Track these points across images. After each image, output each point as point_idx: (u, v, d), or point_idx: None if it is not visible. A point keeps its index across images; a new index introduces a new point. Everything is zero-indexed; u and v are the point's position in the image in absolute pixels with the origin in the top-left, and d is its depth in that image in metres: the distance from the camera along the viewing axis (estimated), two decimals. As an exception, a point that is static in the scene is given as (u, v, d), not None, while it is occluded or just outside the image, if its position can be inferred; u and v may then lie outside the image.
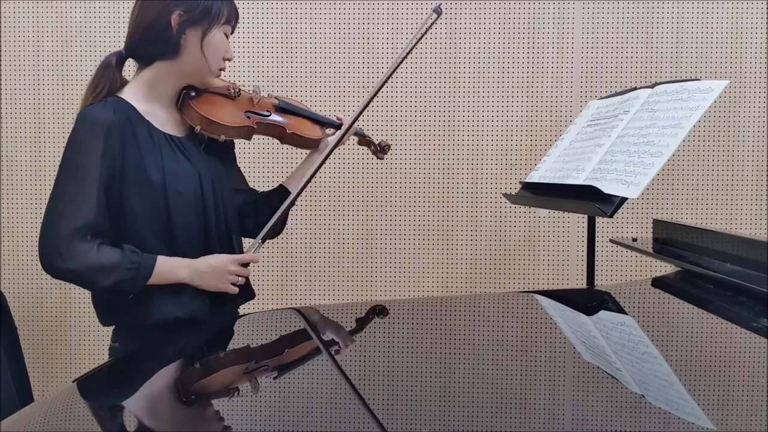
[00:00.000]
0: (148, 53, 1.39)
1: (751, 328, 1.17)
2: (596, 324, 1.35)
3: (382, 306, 1.52)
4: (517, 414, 0.88)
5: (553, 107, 2.48)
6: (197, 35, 1.37)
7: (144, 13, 1.38)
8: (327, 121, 1.67)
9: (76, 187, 1.29)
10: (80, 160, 1.30)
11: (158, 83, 1.40)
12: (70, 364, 2.54)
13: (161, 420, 0.91)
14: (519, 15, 2.47)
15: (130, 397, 1.00)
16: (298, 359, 1.15)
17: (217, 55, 1.40)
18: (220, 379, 1.07)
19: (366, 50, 2.48)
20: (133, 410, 0.95)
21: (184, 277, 1.36)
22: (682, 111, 1.46)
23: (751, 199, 2.47)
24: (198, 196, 1.38)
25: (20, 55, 2.49)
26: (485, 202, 2.50)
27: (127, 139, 1.32)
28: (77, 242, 1.27)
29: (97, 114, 1.32)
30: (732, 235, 1.40)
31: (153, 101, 1.40)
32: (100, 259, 1.28)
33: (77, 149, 1.31)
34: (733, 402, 0.90)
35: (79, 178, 1.29)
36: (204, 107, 1.42)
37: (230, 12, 1.41)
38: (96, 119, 1.31)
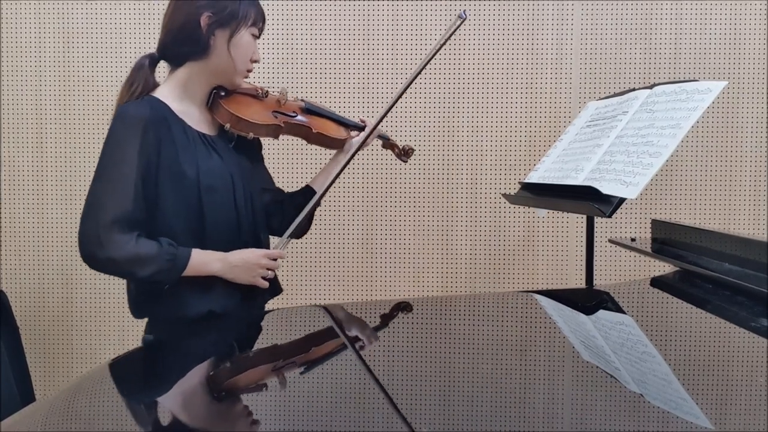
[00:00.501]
0: (179, 54, 1.44)
1: (750, 327, 1.18)
2: (595, 323, 1.35)
3: (406, 303, 1.52)
4: (517, 413, 0.89)
5: (552, 108, 2.49)
6: (225, 36, 1.42)
7: (175, 16, 1.42)
8: (351, 124, 1.71)
9: (114, 181, 1.33)
10: (118, 155, 1.34)
11: (190, 83, 1.45)
12: (72, 363, 2.54)
13: (189, 410, 0.93)
14: (519, 15, 2.48)
15: (159, 385, 1.04)
16: (322, 356, 1.16)
17: (245, 55, 1.45)
18: (249, 375, 1.08)
19: (366, 50, 2.49)
20: (161, 399, 0.98)
21: (217, 270, 1.40)
22: (680, 112, 1.46)
23: (749, 199, 2.48)
24: (229, 192, 1.43)
25: (21, 56, 2.50)
26: (485, 202, 2.50)
27: (162, 135, 1.36)
28: (116, 233, 1.31)
29: (133, 110, 1.36)
30: (730, 235, 1.41)
31: (186, 101, 1.45)
32: (139, 250, 1.32)
33: (115, 144, 1.35)
34: (731, 402, 0.91)
35: (118, 172, 1.33)
36: (233, 106, 1.47)
37: (257, 14, 1.45)
38: (133, 115, 1.35)
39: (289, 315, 1.50)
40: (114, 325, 2.54)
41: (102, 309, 2.53)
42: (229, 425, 0.86)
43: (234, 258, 1.42)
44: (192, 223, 1.40)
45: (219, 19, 1.40)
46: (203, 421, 0.91)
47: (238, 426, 0.87)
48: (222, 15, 1.40)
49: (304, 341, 1.29)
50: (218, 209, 1.42)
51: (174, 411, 0.95)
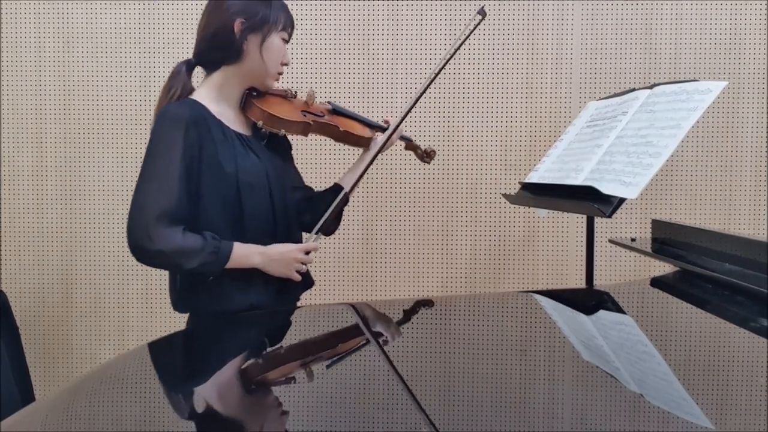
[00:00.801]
0: (214, 59, 1.51)
1: (750, 327, 1.18)
2: (595, 324, 1.35)
3: (428, 300, 1.52)
4: (517, 414, 0.88)
5: (552, 108, 2.49)
6: (257, 41, 1.49)
7: (209, 23, 1.50)
8: (375, 125, 1.78)
9: (160, 178, 1.39)
10: (163, 153, 1.40)
11: (225, 86, 1.52)
12: (72, 363, 2.54)
13: (221, 401, 0.98)
14: (519, 15, 2.48)
15: (193, 370, 1.11)
16: (340, 352, 1.17)
17: (276, 59, 1.52)
18: (278, 369, 1.12)
19: (366, 50, 2.49)
20: (197, 388, 1.03)
21: (257, 263, 1.46)
22: (680, 112, 1.46)
23: (749, 200, 2.48)
24: (266, 188, 1.50)
25: (21, 56, 2.50)
26: (485, 203, 2.50)
27: (203, 133, 1.43)
28: (164, 227, 1.37)
29: (174, 111, 1.43)
30: (730, 235, 1.41)
31: (222, 103, 1.52)
32: (185, 243, 1.38)
33: (159, 143, 1.41)
34: (731, 401, 0.91)
35: (163, 170, 1.39)
36: (266, 104, 1.55)
37: (287, 20, 1.53)
38: (175, 115, 1.42)
39: (317, 312, 1.53)
40: (113, 326, 2.54)
41: (101, 309, 2.54)
42: (259, 417, 0.88)
43: (273, 251, 1.48)
44: (231, 218, 1.46)
45: (251, 25, 1.47)
46: (233, 410, 0.94)
47: (268, 417, 0.88)
48: (254, 20, 1.48)
49: (329, 337, 1.31)
50: (256, 205, 1.48)
51: (208, 400, 0.99)
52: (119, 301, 2.53)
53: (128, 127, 2.51)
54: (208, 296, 1.48)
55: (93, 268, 2.52)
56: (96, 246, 2.52)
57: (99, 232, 2.52)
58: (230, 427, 0.89)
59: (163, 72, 2.50)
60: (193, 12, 2.49)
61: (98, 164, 2.51)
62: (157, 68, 2.50)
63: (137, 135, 2.51)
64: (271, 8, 1.50)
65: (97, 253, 2.52)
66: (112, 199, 2.51)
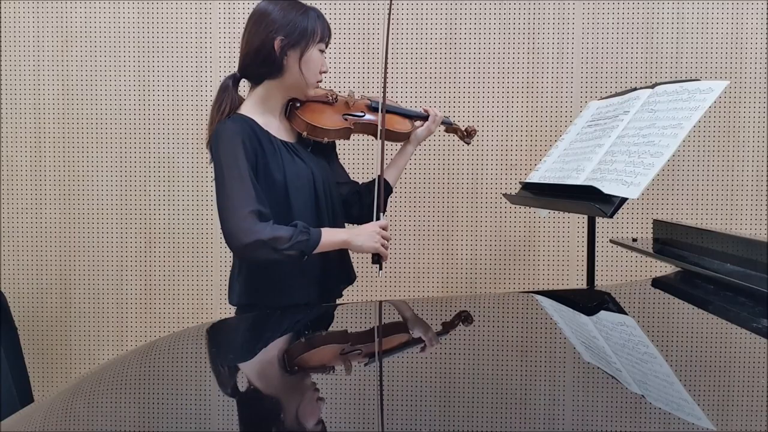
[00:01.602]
0: (257, 74, 1.61)
1: (751, 328, 1.17)
2: (596, 324, 1.35)
3: (466, 313, 1.53)
4: (518, 414, 0.88)
5: (553, 107, 2.48)
6: (296, 55, 1.58)
7: (251, 41, 1.58)
8: (415, 114, 1.85)
9: (238, 182, 1.50)
10: (232, 164, 1.51)
11: (268, 98, 1.62)
12: (70, 364, 2.54)
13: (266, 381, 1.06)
14: (519, 15, 2.47)
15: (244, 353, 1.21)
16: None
17: (314, 70, 1.61)
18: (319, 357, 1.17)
19: (366, 50, 2.48)
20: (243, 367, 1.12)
21: (345, 239, 1.58)
22: (682, 111, 1.46)
23: (751, 200, 2.47)
24: (311, 190, 1.61)
25: (20, 56, 2.49)
26: (485, 203, 2.50)
27: (255, 146, 1.54)
28: (255, 221, 1.47)
29: (228, 127, 1.54)
30: (732, 236, 1.40)
31: (267, 114, 1.62)
32: (278, 232, 1.48)
33: (227, 155, 1.51)
34: (733, 402, 0.90)
35: (238, 176, 1.50)
36: (308, 115, 1.65)
37: (323, 31, 1.61)
38: (231, 131, 1.53)
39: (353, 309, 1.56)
40: (112, 326, 2.54)
41: (100, 310, 2.53)
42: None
43: (357, 230, 1.61)
44: (282, 221, 1.54)
45: (290, 41, 1.56)
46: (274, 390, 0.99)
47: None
48: (293, 37, 1.56)
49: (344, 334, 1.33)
50: (303, 206, 1.59)
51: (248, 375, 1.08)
52: (118, 301, 2.53)
53: (127, 128, 2.51)
54: (266, 288, 1.59)
55: (91, 268, 2.52)
56: (94, 247, 2.51)
57: (97, 232, 2.52)
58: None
59: (162, 72, 2.50)
60: (192, 12, 2.49)
61: (97, 165, 2.51)
62: (156, 68, 2.50)
63: (136, 135, 2.51)
64: (308, 21, 1.58)
65: (96, 253, 2.51)
66: (111, 199, 2.51)
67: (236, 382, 1.07)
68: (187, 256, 2.52)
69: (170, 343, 1.28)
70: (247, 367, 1.14)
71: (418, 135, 1.84)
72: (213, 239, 2.52)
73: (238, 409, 0.95)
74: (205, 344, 1.29)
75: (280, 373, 1.11)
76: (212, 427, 0.89)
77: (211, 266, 2.53)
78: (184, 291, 2.53)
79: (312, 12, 1.60)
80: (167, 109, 2.51)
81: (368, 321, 1.48)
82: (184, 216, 2.52)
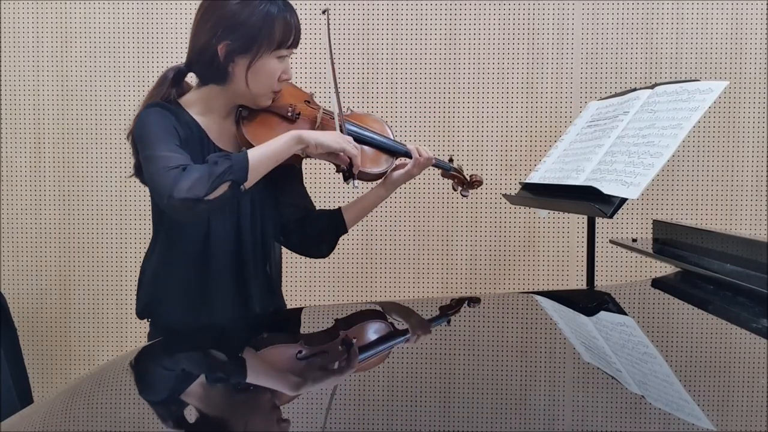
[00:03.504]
0: (201, 75, 1.42)
1: (751, 328, 1.17)
2: (596, 325, 1.35)
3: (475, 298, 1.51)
4: (517, 414, 0.88)
5: (553, 108, 2.48)
6: (244, 63, 1.35)
7: (196, 39, 1.39)
8: (400, 150, 1.53)
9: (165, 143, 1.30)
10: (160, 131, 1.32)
11: (212, 101, 1.42)
12: (70, 364, 2.54)
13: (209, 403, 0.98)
14: (519, 15, 2.47)
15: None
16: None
17: (267, 81, 1.38)
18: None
19: (366, 50, 2.48)
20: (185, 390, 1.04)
21: (292, 137, 1.31)
22: (681, 112, 1.46)
23: (751, 200, 2.47)
24: (233, 205, 1.40)
25: (20, 56, 2.49)
26: (485, 203, 2.50)
27: (185, 134, 1.36)
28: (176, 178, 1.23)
29: (157, 110, 1.36)
30: (732, 236, 1.40)
31: (209, 115, 1.42)
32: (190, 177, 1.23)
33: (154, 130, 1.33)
34: (733, 402, 0.90)
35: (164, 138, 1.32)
36: (251, 131, 1.39)
37: (284, 34, 1.36)
38: (159, 113, 1.35)
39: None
40: (112, 327, 2.54)
41: (99, 311, 2.53)
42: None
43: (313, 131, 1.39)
44: (197, 234, 1.40)
45: (237, 48, 1.34)
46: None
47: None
48: (240, 42, 1.33)
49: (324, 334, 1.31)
50: (221, 220, 1.41)
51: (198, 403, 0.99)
52: (117, 302, 2.53)
53: (127, 128, 2.50)
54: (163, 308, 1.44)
55: (91, 269, 2.51)
56: (94, 247, 2.51)
57: (97, 233, 2.51)
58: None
59: (161, 72, 2.49)
60: (191, 12, 2.48)
61: (96, 165, 2.51)
62: (156, 68, 2.49)
63: (137, 135, 2.51)
64: (263, 23, 1.33)
65: (95, 254, 2.51)
66: (111, 200, 2.51)
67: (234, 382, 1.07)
68: (187, 256, 2.52)
69: (170, 344, 1.28)
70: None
71: (393, 178, 1.53)
72: (213, 239, 2.51)
73: (237, 409, 0.95)
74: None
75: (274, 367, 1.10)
76: (212, 427, 0.89)
77: (210, 266, 2.52)
78: (183, 291, 2.52)
79: (272, 7, 1.33)
80: (167, 110, 2.50)
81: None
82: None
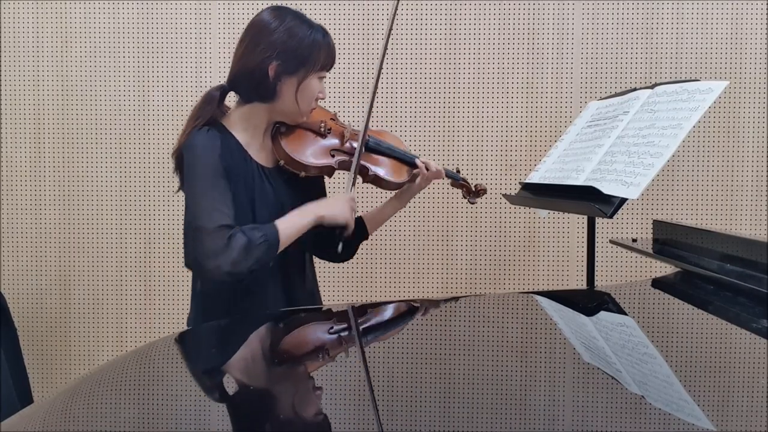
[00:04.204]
0: (247, 94, 1.49)
1: (751, 328, 1.17)
2: (596, 325, 1.35)
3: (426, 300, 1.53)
4: (518, 414, 0.88)
5: (553, 108, 2.48)
6: (293, 83, 1.45)
7: (245, 60, 1.46)
8: (410, 160, 1.67)
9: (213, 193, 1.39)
10: (208, 172, 1.40)
11: (254, 119, 1.50)
12: (70, 365, 2.54)
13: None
14: (519, 15, 2.47)
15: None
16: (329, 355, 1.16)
17: (310, 99, 1.49)
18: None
19: (366, 50, 2.48)
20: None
21: (317, 214, 1.47)
22: (681, 112, 1.46)
23: (751, 200, 2.47)
24: (277, 216, 1.46)
25: (20, 56, 2.49)
26: (485, 203, 2.50)
27: (227, 161, 1.42)
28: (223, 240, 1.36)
29: (205, 136, 1.42)
30: (732, 236, 1.40)
31: (250, 131, 1.50)
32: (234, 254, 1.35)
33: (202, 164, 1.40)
34: (733, 402, 0.90)
35: (211, 186, 1.39)
36: (290, 145, 1.51)
37: (326, 59, 1.48)
38: (205, 143, 1.41)
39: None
40: (111, 327, 2.54)
41: (99, 311, 2.53)
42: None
43: (328, 201, 1.54)
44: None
45: (287, 69, 1.44)
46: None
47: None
48: (290, 64, 1.44)
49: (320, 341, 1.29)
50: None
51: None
52: (117, 302, 2.53)
53: (127, 128, 2.51)
54: (241, 301, 1.49)
55: (91, 269, 2.52)
56: (94, 247, 2.51)
57: (97, 233, 2.52)
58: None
59: (162, 72, 2.50)
60: (192, 12, 2.49)
61: (96, 165, 2.51)
62: (156, 69, 2.50)
63: (136, 135, 2.51)
64: (311, 48, 1.45)
65: (95, 254, 2.51)
66: (111, 199, 2.51)
67: (231, 381, 1.07)
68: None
69: (170, 344, 1.28)
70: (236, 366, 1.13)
71: (410, 191, 1.69)
72: (213, 239, 2.51)
73: (237, 408, 0.95)
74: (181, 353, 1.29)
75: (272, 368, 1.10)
76: (212, 427, 0.89)
77: (210, 266, 2.52)
78: (183, 291, 2.53)
79: (317, 35, 1.46)
80: (167, 109, 2.50)
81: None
82: (183, 216, 2.51)
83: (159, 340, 1.27)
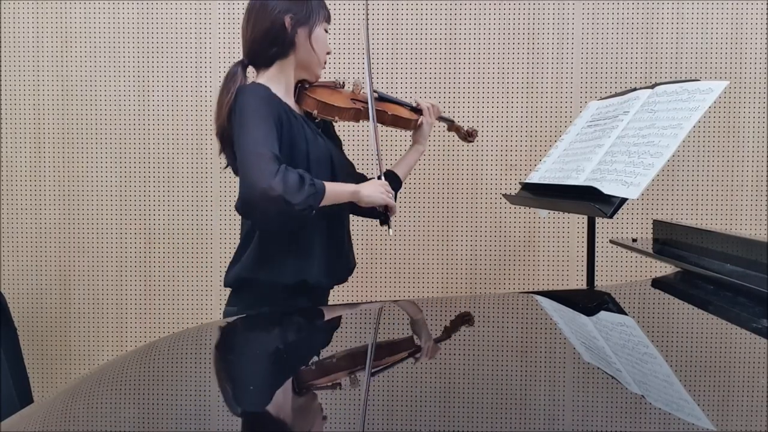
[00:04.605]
0: (267, 56, 1.59)
1: (751, 328, 1.17)
2: (596, 324, 1.35)
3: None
4: (518, 414, 0.88)
5: (553, 108, 2.48)
6: (305, 33, 1.60)
7: (258, 23, 1.58)
8: (413, 107, 1.87)
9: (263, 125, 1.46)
10: (258, 108, 1.48)
11: (280, 77, 1.60)
12: (70, 364, 2.54)
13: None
14: (519, 15, 2.47)
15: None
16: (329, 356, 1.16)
17: (323, 48, 1.64)
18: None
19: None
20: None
21: (353, 190, 1.56)
22: (681, 112, 1.46)
23: (751, 200, 2.47)
24: (329, 168, 1.60)
25: (20, 56, 2.49)
26: (485, 203, 2.50)
27: (278, 110, 1.51)
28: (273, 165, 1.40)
29: (253, 87, 1.52)
30: (732, 236, 1.40)
31: (282, 90, 1.60)
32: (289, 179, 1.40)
33: (253, 104, 1.48)
34: (733, 402, 0.90)
35: (261, 119, 1.46)
36: (319, 94, 1.65)
37: (326, 9, 1.66)
38: (256, 90, 1.51)
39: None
40: (111, 327, 2.54)
41: (99, 310, 2.53)
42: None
43: (363, 184, 1.60)
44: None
45: (299, 19, 1.58)
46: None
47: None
48: (301, 15, 1.58)
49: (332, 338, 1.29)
50: (322, 178, 1.53)
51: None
52: (117, 302, 2.53)
53: (127, 128, 2.51)
54: (270, 268, 1.55)
55: (91, 269, 2.52)
56: (94, 247, 2.51)
57: (97, 233, 2.52)
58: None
59: (162, 72, 2.50)
60: (192, 12, 2.49)
61: (96, 165, 2.51)
62: (156, 68, 2.50)
63: (136, 135, 2.51)
64: (313, 2, 1.61)
65: (95, 254, 2.51)
66: (111, 199, 2.51)
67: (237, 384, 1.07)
68: (187, 256, 2.52)
69: (170, 344, 1.28)
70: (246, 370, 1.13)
71: (423, 131, 1.85)
72: (213, 239, 2.52)
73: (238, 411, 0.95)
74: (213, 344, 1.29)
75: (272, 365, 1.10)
76: (212, 427, 0.89)
77: (210, 266, 2.53)
78: (183, 291, 2.53)
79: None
80: (167, 109, 2.51)
81: (371, 327, 1.47)
82: (183, 216, 2.52)
83: (159, 340, 1.27)
